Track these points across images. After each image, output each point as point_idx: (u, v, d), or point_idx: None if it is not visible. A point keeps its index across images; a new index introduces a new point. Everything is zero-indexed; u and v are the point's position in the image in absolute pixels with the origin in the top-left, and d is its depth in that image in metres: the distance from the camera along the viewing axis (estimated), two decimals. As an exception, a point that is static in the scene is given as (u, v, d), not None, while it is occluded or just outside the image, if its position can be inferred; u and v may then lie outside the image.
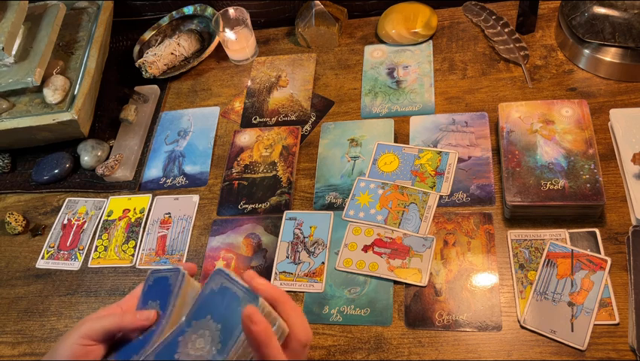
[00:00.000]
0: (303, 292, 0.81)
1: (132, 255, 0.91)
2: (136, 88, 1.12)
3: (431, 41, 1.06)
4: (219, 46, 1.13)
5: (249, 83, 1.10)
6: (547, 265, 0.75)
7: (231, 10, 1.10)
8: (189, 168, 1.00)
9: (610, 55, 0.91)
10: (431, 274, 0.79)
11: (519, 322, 0.72)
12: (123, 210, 0.97)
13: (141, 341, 0.53)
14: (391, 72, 1.04)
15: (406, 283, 0.78)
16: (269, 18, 1.18)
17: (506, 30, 1.02)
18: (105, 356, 0.55)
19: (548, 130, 0.84)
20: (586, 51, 0.93)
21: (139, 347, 0.53)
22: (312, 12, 1.08)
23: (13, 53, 1.00)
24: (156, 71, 1.11)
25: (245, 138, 1.01)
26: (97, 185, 1.01)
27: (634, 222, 0.77)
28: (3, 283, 0.93)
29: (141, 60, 1.11)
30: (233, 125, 1.04)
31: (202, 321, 0.51)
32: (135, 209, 0.97)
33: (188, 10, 1.19)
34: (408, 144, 0.93)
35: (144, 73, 1.10)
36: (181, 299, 0.54)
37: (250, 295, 0.50)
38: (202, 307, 0.52)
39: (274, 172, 0.95)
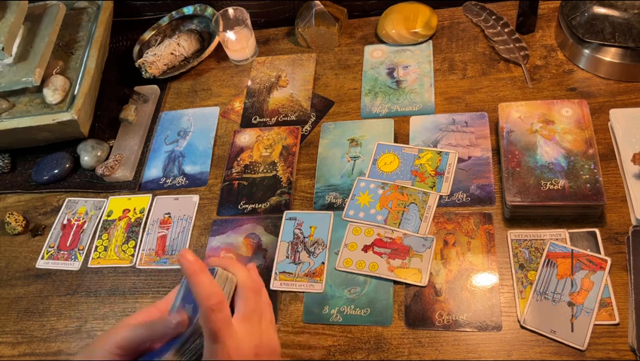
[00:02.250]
0: (303, 292, 0.81)
1: (132, 255, 0.91)
2: (136, 88, 1.12)
3: (431, 41, 1.06)
4: (219, 46, 1.13)
5: (249, 83, 1.10)
6: (547, 265, 0.75)
7: (231, 10, 1.10)
8: (189, 168, 1.00)
9: (610, 55, 0.91)
10: (431, 274, 0.79)
11: (519, 322, 0.72)
12: (123, 211, 0.97)
13: (170, 343, 0.53)
14: (391, 72, 1.04)
15: (406, 283, 0.78)
16: (269, 18, 1.18)
17: (506, 30, 1.02)
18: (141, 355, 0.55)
19: (548, 130, 0.84)
20: (586, 51, 0.93)
21: (166, 349, 0.53)
22: (312, 12, 1.08)
23: (13, 53, 1.00)
24: (156, 71, 1.11)
25: (245, 138, 1.01)
26: (97, 185, 1.01)
27: (634, 222, 0.77)
28: (3, 283, 0.93)
29: (141, 60, 1.11)
30: (233, 125, 1.04)
31: (185, 308, 0.54)
32: (135, 209, 0.97)
33: (188, 10, 1.19)
34: (408, 144, 0.93)
35: (144, 73, 1.10)
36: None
37: (212, 270, 0.54)
38: (181, 301, 0.55)
39: (274, 172, 0.95)
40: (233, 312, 0.54)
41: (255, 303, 0.55)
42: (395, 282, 0.79)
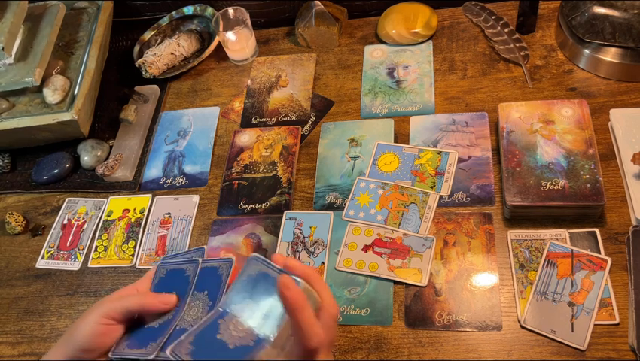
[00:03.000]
0: (303, 292, 0.81)
1: (132, 255, 0.91)
2: (136, 88, 1.12)
3: (431, 41, 1.06)
4: (219, 46, 1.13)
5: (249, 83, 1.10)
6: (547, 265, 0.75)
7: (231, 10, 1.10)
8: (189, 168, 1.00)
9: (610, 55, 0.91)
10: (431, 274, 0.79)
11: (519, 322, 0.72)
12: (123, 211, 0.97)
13: (157, 328, 0.53)
14: (391, 72, 1.04)
15: (406, 283, 0.78)
16: (269, 18, 1.18)
17: (506, 30, 1.02)
18: (122, 336, 0.55)
19: (548, 130, 0.84)
20: (586, 51, 0.93)
21: (157, 335, 0.52)
22: (312, 12, 1.08)
23: (13, 53, 1.00)
24: (156, 71, 1.11)
25: (245, 138, 1.01)
26: (97, 185, 1.01)
27: (634, 222, 0.77)
28: (3, 283, 0.93)
29: (141, 60, 1.11)
30: (233, 125, 1.04)
31: (242, 305, 0.51)
32: (135, 209, 0.97)
33: (188, 10, 1.19)
34: (408, 144, 0.93)
35: (144, 73, 1.10)
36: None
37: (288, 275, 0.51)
38: (242, 292, 0.52)
39: (274, 172, 0.95)
40: None
41: (334, 332, 0.53)
42: (395, 282, 0.79)
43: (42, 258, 0.94)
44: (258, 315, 0.50)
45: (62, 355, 0.55)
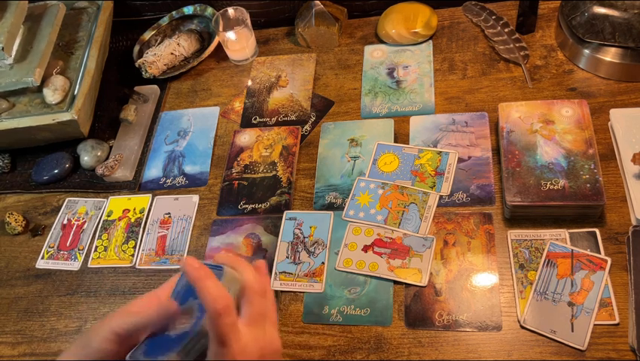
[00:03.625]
0: (303, 292, 0.81)
1: (132, 255, 0.91)
2: (136, 88, 1.12)
3: (431, 41, 1.06)
4: (219, 46, 1.13)
5: (249, 83, 1.10)
6: (547, 265, 0.75)
7: (231, 10, 1.10)
8: (189, 168, 1.00)
9: (610, 55, 0.91)
10: (431, 274, 0.79)
11: (519, 322, 0.72)
12: (123, 211, 0.97)
13: (174, 338, 0.53)
14: (391, 72, 1.04)
15: (406, 283, 0.78)
16: (269, 18, 1.18)
17: (506, 30, 1.02)
18: (144, 340, 0.55)
19: (548, 130, 0.84)
20: (586, 51, 0.93)
21: (173, 345, 0.53)
22: (312, 12, 1.08)
23: (13, 53, 1.00)
24: (156, 71, 1.11)
25: (245, 138, 1.01)
26: (97, 185, 1.01)
27: (634, 222, 0.77)
28: (3, 283, 0.93)
29: (141, 60, 1.11)
30: (233, 125, 1.04)
31: (187, 304, 0.53)
32: (135, 209, 0.97)
33: (188, 10, 1.19)
34: (408, 144, 0.93)
35: (144, 73, 1.10)
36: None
37: (214, 268, 0.54)
38: (186, 294, 0.55)
39: (274, 172, 0.95)
40: (238, 310, 0.54)
41: (260, 306, 0.55)
42: (395, 282, 0.79)
43: (42, 258, 0.94)
44: (197, 307, 0.53)
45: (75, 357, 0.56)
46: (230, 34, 1.08)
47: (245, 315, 0.53)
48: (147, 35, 1.19)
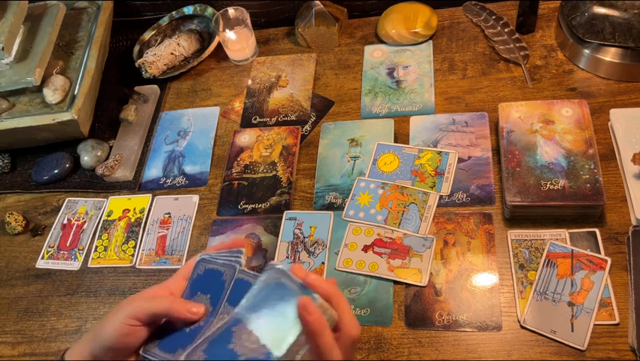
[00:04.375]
0: (303, 292, 0.81)
1: (132, 255, 0.91)
2: (136, 88, 1.12)
3: (431, 41, 1.06)
4: (219, 46, 1.13)
5: (249, 83, 1.10)
6: (547, 265, 0.75)
7: (231, 10, 1.10)
8: (189, 168, 1.00)
9: (610, 55, 0.91)
10: (431, 274, 0.79)
11: (519, 322, 0.72)
12: (123, 211, 0.97)
13: (188, 334, 0.52)
14: (391, 72, 1.04)
15: (406, 283, 0.78)
16: (269, 18, 1.18)
17: (506, 30, 1.02)
18: (148, 339, 0.54)
19: (548, 130, 0.84)
20: (586, 51, 0.93)
21: (186, 341, 0.52)
22: (312, 12, 1.08)
23: (13, 53, 1.00)
24: (156, 71, 1.11)
25: (245, 137, 1.01)
26: (97, 185, 1.01)
27: (634, 222, 0.77)
28: (3, 283, 0.93)
29: (141, 60, 1.11)
30: (233, 125, 1.04)
31: (257, 315, 0.50)
32: (135, 209, 0.97)
33: (188, 10, 1.19)
34: (408, 144, 0.93)
35: (144, 73, 1.10)
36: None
37: (304, 291, 0.50)
38: (258, 301, 0.52)
39: (274, 172, 0.95)
40: None
41: (352, 353, 0.52)
42: (395, 282, 0.79)
43: (42, 258, 0.94)
44: (272, 329, 0.49)
45: (87, 351, 0.55)
46: (230, 34, 1.08)
47: None
48: (147, 35, 1.19)
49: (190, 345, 0.51)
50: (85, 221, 0.97)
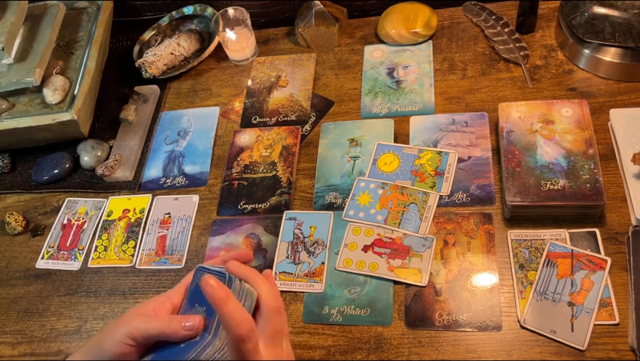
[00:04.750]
0: (303, 292, 0.81)
1: (132, 255, 0.91)
2: (136, 88, 1.12)
3: (431, 41, 1.06)
4: (219, 46, 1.13)
5: (249, 83, 1.10)
6: (547, 265, 0.75)
7: (231, 10, 1.10)
8: (189, 168, 1.00)
9: (610, 55, 0.91)
10: (431, 274, 0.79)
11: (519, 322, 0.72)
12: (123, 211, 0.97)
13: (182, 349, 0.53)
14: (391, 72, 1.04)
15: (406, 283, 0.78)
16: (269, 18, 1.18)
17: (506, 30, 1.02)
18: (143, 354, 0.55)
19: (548, 130, 0.84)
20: (586, 51, 0.93)
21: (179, 356, 0.53)
22: (312, 12, 1.08)
23: (13, 53, 1.00)
24: (156, 71, 1.11)
25: (245, 138, 1.01)
26: (97, 185, 1.01)
27: (634, 222, 0.77)
28: (3, 283, 0.93)
29: (141, 60, 1.11)
30: (233, 125, 1.04)
31: (192, 311, 0.53)
32: (134, 209, 0.97)
33: (188, 10, 1.19)
34: (408, 144, 0.93)
35: (144, 73, 1.10)
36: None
37: (222, 276, 0.53)
38: (192, 301, 0.54)
39: (274, 172, 0.95)
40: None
41: (278, 323, 0.54)
42: (395, 282, 0.79)
43: (42, 258, 0.94)
44: (204, 315, 0.53)
45: None
46: (230, 34, 1.08)
47: (264, 334, 0.53)
48: (147, 35, 1.19)
49: (186, 357, 0.52)
50: (85, 221, 0.97)
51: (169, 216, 0.94)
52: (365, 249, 0.82)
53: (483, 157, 0.88)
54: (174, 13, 1.20)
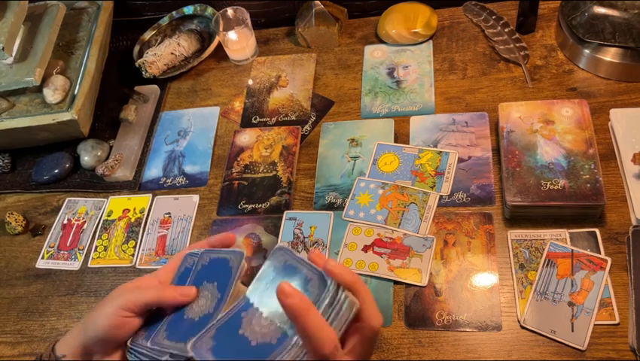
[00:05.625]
0: (303, 292, 0.81)
1: (132, 255, 0.91)
2: (136, 88, 1.12)
3: (431, 41, 1.06)
4: (219, 46, 1.13)
5: (249, 83, 1.10)
6: (547, 265, 0.75)
7: (231, 10, 1.10)
8: (189, 168, 1.00)
9: (610, 55, 0.91)
10: (431, 274, 0.79)
11: (519, 322, 0.72)
12: (123, 210, 0.97)
13: (197, 322, 0.51)
14: (391, 72, 1.04)
15: (406, 283, 0.78)
16: (269, 18, 1.18)
17: (506, 30, 1.02)
18: (140, 327, 0.54)
19: (548, 130, 0.84)
20: (586, 51, 0.93)
21: (197, 329, 0.50)
22: (312, 12, 1.08)
23: (13, 53, 1.00)
24: (156, 71, 1.11)
25: (245, 137, 1.01)
26: (97, 185, 1.01)
27: (634, 222, 0.77)
28: (3, 283, 0.93)
29: (141, 60, 1.11)
30: (233, 125, 1.04)
31: (266, 298, 0.48)
32: (135, 209, 0.97)
33: (188, 10, 1.19)
34: (408, 144, 0.93)
35: (144, 73, 1.10)
36: (239, 284, 0.53)
37: (321, 279, 0.47)
38: (267, 284, 0.49)
39: (274, 172, 0.95)
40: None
41: (372, 347, 0.49)
42: (395, 282, 0.79)
43: (42, 258, 0.94)
44: (282, 310, 0.46)
45: (78, 343, 0.55)
46: (230, 34, 1.08)
47: (354, 351, 0.48)
48: (147, 35, 1.19)
49: (200, 331, 0.49)
50: (85, 221, 0.97)
51: (169, 216, 0.94)
52: (365, 249, 0.82)
53: (483, 157, 0.88)
54: (174, 13, 1.20)
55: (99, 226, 0.96)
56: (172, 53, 1.13)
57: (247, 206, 0.92)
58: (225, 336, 0.48)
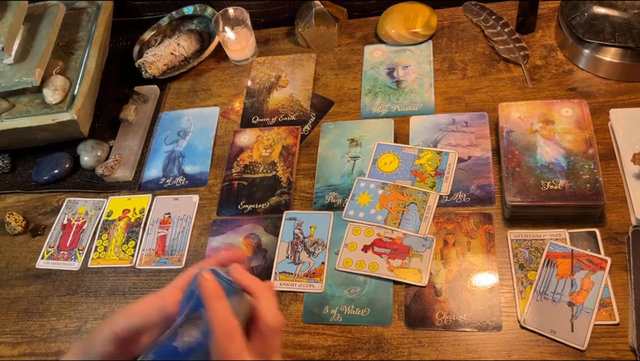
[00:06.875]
0: (303, 292, 0.81)
1: (132, 255, 0.91)
2: (136, 88, 1.12)
3: (430, 41, 1.06)
4: (219, 46, 1.13)
5: (249, 83, 1.10)
6: (547, 265, 0.75)
7: (231, 10, 1.10)
8: (189, 168, 1.00)
9: (610, 55, 0.91)
10: (431, 274, 0.79)
11: (519, 322, 0.72)
12: (123, 211, 0.97)
13: (181, 354, 0.52)
14: (391, 72, 1.04)
15: (406, 283, 0.78)
16: (269, 18, 1.18)
17: (506, 30, 1.02)
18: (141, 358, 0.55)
19: (548, 130, 0.84)
20: (586, 51, 0.93)
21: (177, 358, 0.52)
22: (311, 12, 1.08)
23: (13, 53, 1.00)
24: (156, 71, 1.11)
25: (245, 138, 1.01)
26: (97, 185, 1.01)
27: (634, 222, 0.77)
28: (3, 283, 0.93)
29: (140, 60, 1.10)
30: (233, 125, 1.04)
31: (196, 313, 0.52)
32: (134, 209, 0.97)
33: (188, 10, 1.19)
34: (408, 144, 0.93)
35: (143, 73, 1.10)
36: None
37: (232, 287, 0.52)
38: (198, 302, 0.53)
39: (274, 172, 0.95)
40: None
41: (273, 341, 0.52)
42: (395, 282, 0.79)
43: (42, 258, 0.94)
44: (205, 319, 0.52)
45: None
46: (230, 34, 1.08)
47: (255, 347, 0.51)
48: (147, 35, 1.19)
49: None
50: (85, 221, 0.97)
51: (169, 216, 0.94)
52: (365, 249, 0.82)
53: (483, 157, 0.88)
54: (174, 13, 1.20)
55: (99, 226, 0.96)
56: (171, 53, 1.13)
57: (247, 206, 0.92)
58: (162, 349, 0.53)
